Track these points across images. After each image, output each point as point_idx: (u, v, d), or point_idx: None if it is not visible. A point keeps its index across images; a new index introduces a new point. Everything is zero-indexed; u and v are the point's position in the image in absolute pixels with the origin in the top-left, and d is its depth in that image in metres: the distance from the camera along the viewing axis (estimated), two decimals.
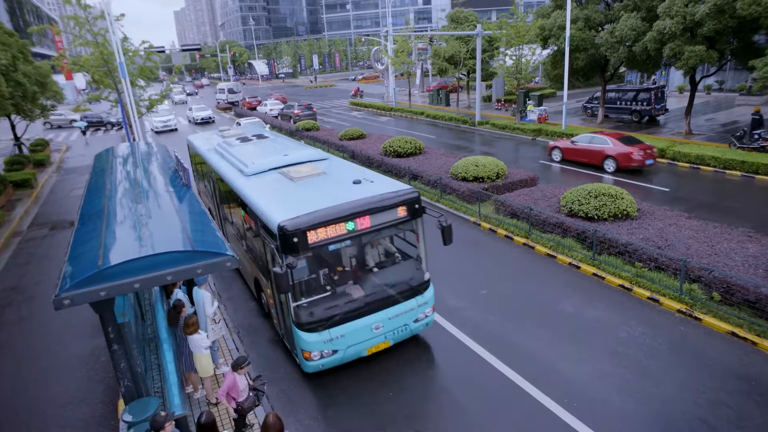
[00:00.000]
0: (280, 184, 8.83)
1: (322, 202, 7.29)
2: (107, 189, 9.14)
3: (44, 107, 27.03)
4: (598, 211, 11.84)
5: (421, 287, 8.23)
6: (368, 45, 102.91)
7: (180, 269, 5.74)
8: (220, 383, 7.99)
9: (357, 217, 7.21)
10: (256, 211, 7.84)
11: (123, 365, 6.15)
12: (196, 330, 7.00)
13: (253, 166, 9.73)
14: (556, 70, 30.31)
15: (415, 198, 7.82)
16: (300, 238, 6.75)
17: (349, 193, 7.74)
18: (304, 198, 7.75)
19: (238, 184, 9.36)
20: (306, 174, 8.99)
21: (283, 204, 7.55)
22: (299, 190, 8.30)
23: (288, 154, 10.32)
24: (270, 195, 8.26)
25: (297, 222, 6.81)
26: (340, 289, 7.83)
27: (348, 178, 8.58)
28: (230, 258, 6.02)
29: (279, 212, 7.12)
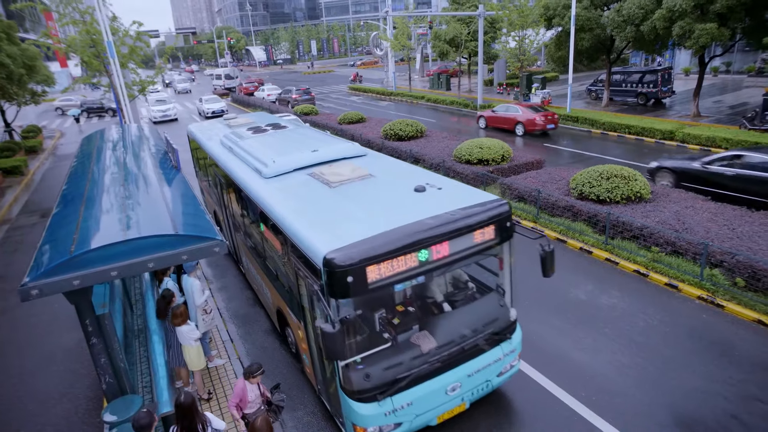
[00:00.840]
0: (312, 191, 6.71)
1: (381, 221, 5.27)
2: (90, 171, 8.57)
3: (34, 92, 26.33)
4: (610, 194, 11.28)
5: (507, 330, 6.17)
6: (367, 31, 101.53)
7: (163, 255, 5.18)
8: (212, 377, 7.50)
9: (433, 243, 5.12)
10: (285, 230, 5.88)
11: (103, 360, 5.63)
12: (185, 321, 6.48)
13: (274, 165, 7.61)
14: (560, 52, 29.54)
15: (506, 213, 5.71)
16: (357, 276, 4.71)
17: (414, 206, 5.69)
18: (353, 214, 5.73)
19: (254, 188, 7.33)
20: (347, 177, 6.82)
21: (324, 224, 5.56)
22: (342, 201, 6.17)
23: (318, 150, 8.10)
24: (302, 208, 6.25)
25: (352, 253, 4.75)
26: (403, 339, 5.79)
27: (404, 182, 6.57)
28: (218, 243, 5.47)
29: (321, 237, 5.16)
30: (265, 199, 6.82)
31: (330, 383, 5.85)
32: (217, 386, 7.31)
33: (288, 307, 6.94)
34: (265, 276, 8.00)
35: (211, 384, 7.35)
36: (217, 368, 7.70)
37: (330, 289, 4.82)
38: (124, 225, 5.53)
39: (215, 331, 8.63)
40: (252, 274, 9.29)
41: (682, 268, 9.19)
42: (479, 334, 5.93)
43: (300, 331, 6.50)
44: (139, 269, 5.15)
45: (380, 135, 20.72)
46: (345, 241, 4.91)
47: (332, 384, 5.74)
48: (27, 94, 25.23)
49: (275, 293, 7.61)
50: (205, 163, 11.96)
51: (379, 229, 5.08)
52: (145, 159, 9.39)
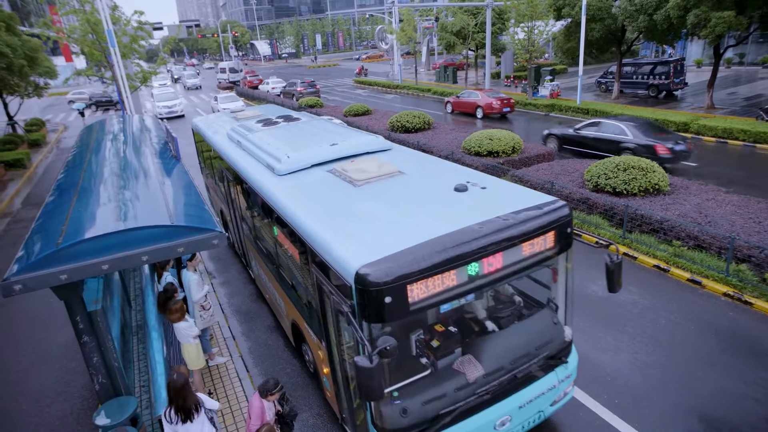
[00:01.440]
0: (334, 190, 5.90)
1: (420, 228, 4.47)
2: (87, 161, 8.23)
3: (37, 85, 26.07)
4: (627, 186, 10.83)
5: (562, 353, 5.34)
6: (372, 24, 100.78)
7: (158, 247, 4.83)
8: (213, 376, 7.16)
9: (485, 254, 4.31)
10: (304, 236, 5.14)
11: (96, 359, 5.29)
12: (182, 317, 6.12)
13: (288, 161, 6.79)
14: (569, 43, 28.99)
15: (567, 217, 4.88)
16: (396, 296, 3.93)
17: (456, 209, 4.90)
18: (384, 218, 4.88)
19: (266, 187, 6.54)
20: (373, 174, 6.03)
21: (352, 230, 4.73)
22: (370, 203, 5.30)
23: (337, 143, 7.30)
24: (323, 210, 5.41)
25: (389, 268, 3.95)
26: (445, 365, 4.90)
27: (440, 180, 5.85)
28: (217, 234, 5.10)
29: (351, 247, 4.38)
30: (279, 199, 6.05)
31: (358, 414, 4.99)
32: (218, 385, 6.97)
33: (306, 323, 6.17)
34: (279, 285, 7.26)
35: (212, 383, 7.02)
36: (218, 367, 7.36)
37: (363, 312, 4.03)
38: (117, 216, 5.17)
39: (216, 328, 8.29)
40: (263, 281, 8.57)
41: (706, 263, 8.75)
42: (533, 358, 5.06)
43: (320, 352, 5.70)
44: (132, 262, 4.79)
45: (387, 127, 20.29)
46: (380, 253, 4.11)
47: (360, 416, 4.89)
48: (30, 86, 24.98)
49: (290, 305, 6.83)
50: (210, 158, 11.19)
51: (420, 238, 4.27)
52: (144, 149, 9.04)
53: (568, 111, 24.87)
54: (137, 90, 21.13)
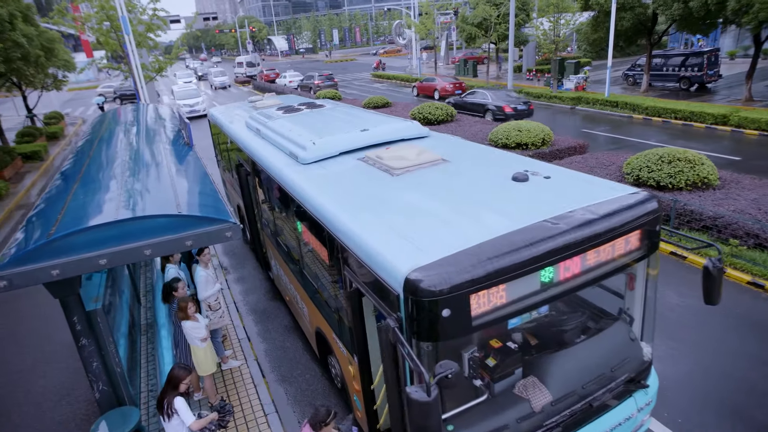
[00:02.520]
0: (368, 180, 5.18)
1: (478, 224, 3.76)
2: (93, 149, 7.73)
3: (55, 77, 25.92)
4: (672, 179, 9.98)
5: (641, 376, 4.46)
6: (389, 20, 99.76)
7: (162, 240, 4.25)
8: (226, 382, 6.58)
9: (562, 256, 3.53)
10: (335, 232, 4.43)
11: (95, 365, 4.75)
12: (188, 316, 5.52)
13: (314, 148, 6.09)
14: (596, 34, 27.86)
15: (655, 212, 4.05)
16: (456, 308, 3.18)
17: (519, 202, 4.15)
18: (433, 213, 4.13)
19: (289, 177, 5.82)
20: (413, 162, 5.29)
21: (395, 227, 3.96)
22: (413, 195, 4.57)
23: (368, 129, 6.56)
24: (357, 203, 4.70)
25: (448, 274, 3.19)
26: (503, 389, 4.09)
27: (491, 169, 5.09)
28: (231, 226, 4.50)
29: (396, 248, 3.63)
30: (304, 190, 5.34)
31: None
32: (231, 392, 6.39)
33: (335, 333, 5.44)
34: (302, 288, 6.55)
35: (225, 389, 6.44)
36: (231, 371, 6.79)
37: (414, 327, 3.26)
38: (119, 204, 4.59)
39: (230, 328, 7.73)
40: (283, 283, 7.88)
41: None
42: (609, 382, 4.19)
43: (351, 367, 5.01)
44: (133, 256, 4.21)
45: (408, 118, 19.58)
46: (434, 254, 3.36)
47: None
48: (48, 78, 24.82)
49: (315, 311, 6.12)
50: (227, 150, 10.55)
51: (481, 236, 3.51)
52: (156, 136, 8.51)
53: (596, 104, 23.87)
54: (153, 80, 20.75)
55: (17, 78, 21.25)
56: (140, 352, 7.05)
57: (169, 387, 4.55)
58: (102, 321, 4.77)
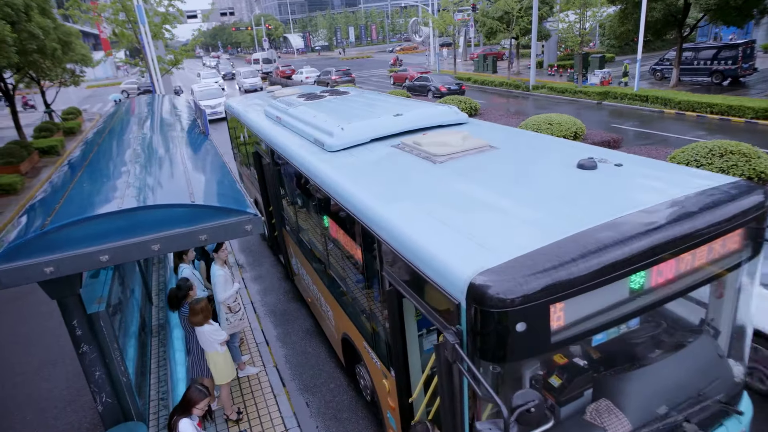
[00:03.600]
0: (407, 168, 4.59)
1: (550, 219, 3.15)
2: (103, 137, 7.24)
3: (73, 72, 25.79)
4: (725, 174, 9.17)
5: (733, 400, 3.77)
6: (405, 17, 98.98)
7: (172, 234, 3.68)
8: (243, 391, 6.02)
9: (656, 258, 2.86)
10: (371, 226, 3.84)
11: (98, 374, 4.21)
12: (206, 319, 4.97)
13: (343, 134, 5.49)
14: (623, 26, 26.86)
15: (763, 206, 3.30)
16: (534, 321, 2.57)
17: (592, 192, 3.52)
18: (489, 204, 3.53)
19: (314, 166, 5.26)
20: (457, 149, 4.67)
21: (446, 221, 3.32)
22: (463, 185, 3.95)
23: (402, 114, 5.94)
24: (397, 193, 4.08)
25: (524, 278, 2.57)
26: (571, 414, 3.51)
27: (546, 156, 4.53)
28: (251, 218, 3.92)
29: (453, 246, 3.02)
30: (332, 179, 4.76)
31: None
32: (249, 403, 5.83)
33: (367, 342, 4.84)
34: (327, 289, 5.97)
35: (242, 400, 5.88)
36: (248, 378, 6.23)
37: (480, 343, 2.63)
38: (125, 193, 4.03)
39: (247, 331, 7.18)
40: (305, 283, 7.31)
41: None
42: (697, 407, 3.46)
43: (386, 382, 4.40)
44: (140, 252, 3.64)
45: None
46: (503, 255, 2.72)
47: None
48: (66, 73, 24.69)
49: (343, 316, 5.51)
50: (244, 141, 10.01)
51: (557, 232, 2.88)
52: (169, 125, 8.00)
53: (624, 99, 22.92)
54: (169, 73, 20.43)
55: (35, 72, 21.09)
56: (150, 356, 6.53)
57: (180, 408, 4.01)
58: (106, 325, 4.23)
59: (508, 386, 2.82)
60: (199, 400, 4.00)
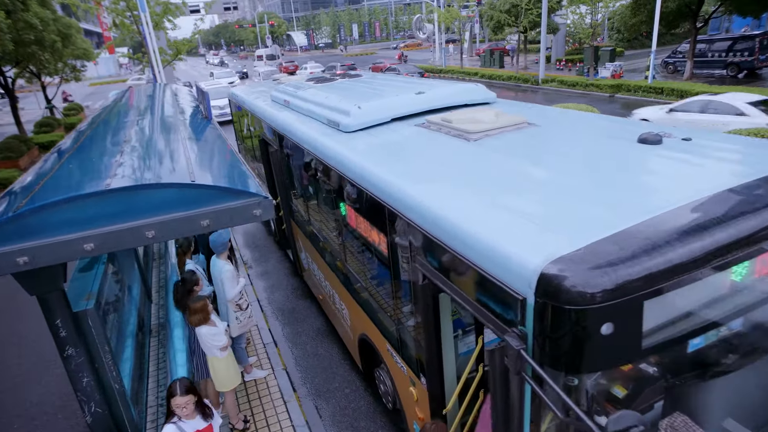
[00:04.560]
0: (438, 147, 4.04)
1: (630, 199, 2.60)
2: (98, 122, 6.73)
3: (74, 67, 25.38)
4: None
5: None
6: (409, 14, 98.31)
7: (170, 219, 3.16)
8: (249, 396, 5.50)
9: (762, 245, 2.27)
10: (402, 210, 3.29)
11: (86, 380, 3.68)
12: (206, 319, 4.44)
13: (360, 113, 4.90)
14: (636, 18, 26.25)
15: None
16: (624, 320, 2.01)
17: (664, 170, 2.98)
18: (550, 183, 3.00)
19: (328, 148, 4.76)
20: (492, 125, 4.10)
21: (501, 204, 2.82)
22: (510, 163, 3.43)
23: (424, 92, 5.30)
24: (430, 175, 3.50)
25: (611, 267, 2.00)
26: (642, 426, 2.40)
27: (596, 132, 4.00)
28: (260, 201, 3.39)
29: (508, 229, 2.49)
30: (351, 161, 4.23)
31: None
32: (257, 410, 5.30)
33: (390, 344, 4.30)
34: (342, 285, 5.40)
35: (249, 406, 5.36)
36: (256, 382, 5.71)
37: (554, 350, 2.11)
38: (115, 173, 3.51)
39: (254, 332, 6.66)
40: (316, 279, 6.74)
41: None
42: None
43: (414, 390, 3.89)
44: (131, 239, 3.12)
45: None
46: (580, 238, 2.18)
47: None
48: (67, 67, 24.28)
49: (360, 315, 4.94)
50: (249, 130, 9.47)
51: (640, 213, 2.33)
52: (169, 111, 7.47)
53: (638, 91, 22.30)
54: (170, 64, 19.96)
55: (35, 66, 20.66)
56: (149, 357, 6.02)
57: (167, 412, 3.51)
58: (95, 325, 3.71)
59: (585, 402, 2.27)
60: (181, 401, 3.40)
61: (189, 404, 3.42)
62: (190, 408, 3.45)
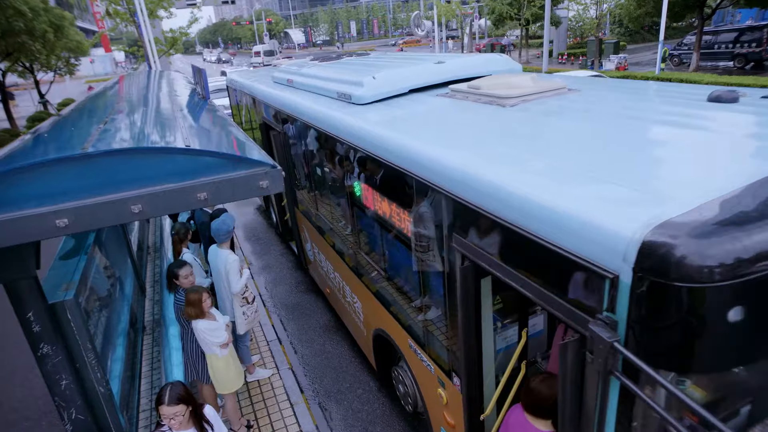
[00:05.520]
0: (471, 115, 3.47)
1: (729, 159, 2.08)
2: (84, 103, 6.21)
3: (68, 60, 24.80)
4: None
5: None
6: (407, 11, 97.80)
7: (159, 190, 2.65)
8: (253, 398, 5.00)
9: None
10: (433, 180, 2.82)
11: (64, 383, 3.17)
12: (203, 313, 3.93)
13: (375, 83, 4.38)
14: (641, 9, 25.82)
15: None
16: (758, 304, 1.54)
17: (756, 130, 2.44)
18: (623, 144, 2.46)
19: (341, 120, 4.26)
20: (529, 90, 3.62)
21: (567, 168, 2.25)
22: (565, 125, 2.93)
23: (444, 62, 4.77)
24: (467, 141, 2.97)
25: (737, 233, 1.52)
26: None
27: (645, 96, 3.54)
28: (266, 170, 2.89)
29: (585, 194, 1.96)
30: (370, 133, 3.69)
31: None
32: (261, 413, 4.80)
33: (414, 339, 3.74)
34: (356, 277, 4.80)
35: (252, 410, 4.86)
36: (259, 383, 5.20)
37: (665, 342, 1.64)
38: (95, 138, 2.99)
39: (256, 328, 6.15)
40: (324, 273, 6.21)
41: None
42: None
43: (443, 391, 3.37)
44: (114, 215, 2.61)
45: None
46: (689, 200, 1.70)
47: None
48: (60, 61, 23.70)
49: (377, 307, 4.39)
50: (248, 116, 8.95)
51: (748, 174, 1.84)
52: (163, 90, 6.95)
53: None
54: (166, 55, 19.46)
55: (26, 59, 20.08)
56: (141, 357, 5.51)
57: None
58: (75, 318, 3.19)
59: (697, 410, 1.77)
60: (169, 411, 2.85)
61: (178, 416, 2.88)
62: (180, 420, 2.88)
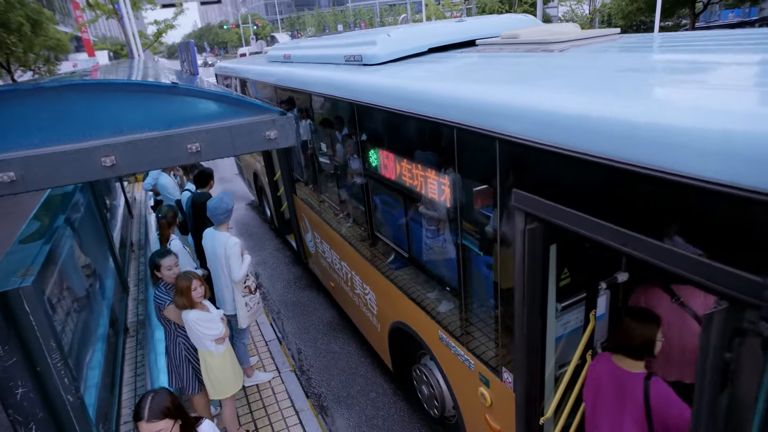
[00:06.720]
0: (513, 63, 2.84)
1: None
2: None
3: (47, 59, 23.91)
4: None
5: None
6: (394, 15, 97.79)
7: (139, 139, 2.06)
8: (251, 405, 4.37)
9: None
10: (489, 123, 2.21)
11: (21, 391, 2.56)
12: (195, 302, 3.31)
13: (390, 41, 3.84)
14: (633, 5, 25.72)
15: None
16: None
17: None
18: (729, 66, 1.95)
19: (353, 81, 3.75)
20: (577, 35, 3.10)
21: (679, 102, 1.61)
22: (634, 60, 2.39)
23: (465, 20, 4.29)
24: (526, 81, 2.38)
25: None
26: None
27: (702, 42, 2.78)
28: (275, 118, 2.31)
29: (744, 111, 1.37)
30: (388, 90, 3.15)
31: None
32: (262, 422, 4.18)
33: (446, 330, 3.16)
34: (371, 264, 4.20)
35: (251, 418, 4.24)
36: (259, 387, 4.59)
37: None
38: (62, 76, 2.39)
39: (253, 327, 5.53)
40: (327, 264, 5.57)
41: None
42: None
43: (486, 390, 2.84)
44: (80, 169, 2.04)
45: None
46: None
47: None
48: (39, 59, 22.81)
49: (397, 297, 3.79)
50: None
51: None
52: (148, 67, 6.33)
53: None
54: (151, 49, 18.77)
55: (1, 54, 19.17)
56: (123, 362, 4.86)
57: None
58: (34, 310, 2.57)
59: None
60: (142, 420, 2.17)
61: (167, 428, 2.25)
62: None
